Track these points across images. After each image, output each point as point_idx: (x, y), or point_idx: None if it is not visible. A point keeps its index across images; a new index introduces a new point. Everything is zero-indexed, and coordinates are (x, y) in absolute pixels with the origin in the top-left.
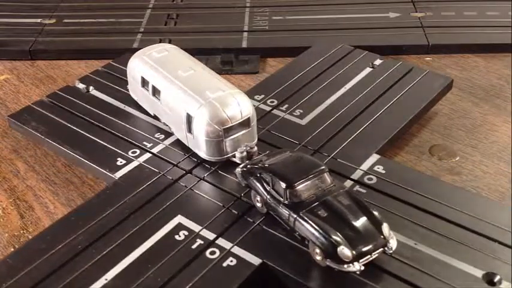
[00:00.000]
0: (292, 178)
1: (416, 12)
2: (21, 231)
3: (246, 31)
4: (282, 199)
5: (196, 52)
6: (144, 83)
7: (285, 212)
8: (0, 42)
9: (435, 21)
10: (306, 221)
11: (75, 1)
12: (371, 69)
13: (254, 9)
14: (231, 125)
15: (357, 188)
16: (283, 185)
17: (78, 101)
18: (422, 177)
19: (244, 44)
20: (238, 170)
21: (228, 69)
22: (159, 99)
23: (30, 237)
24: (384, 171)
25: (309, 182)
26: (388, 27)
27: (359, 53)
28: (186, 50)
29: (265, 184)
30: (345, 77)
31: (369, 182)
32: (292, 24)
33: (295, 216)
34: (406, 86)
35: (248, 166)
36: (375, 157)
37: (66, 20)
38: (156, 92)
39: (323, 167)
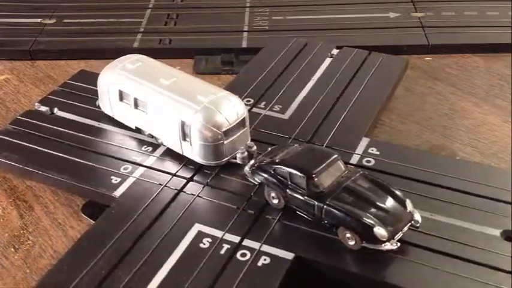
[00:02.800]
0: (310, 169)
1: (416, 12)
2: (21, 231)
3: (246, 31)
4: (303, 191)
5: (196, 52)
6: (123, 96)
7: (310, 203)
8: (0, 42)
9: (435, 21)
10: (335, 208)
11: (75, 1)
12: (330, 59)
13: (254, 9)
14: (229, 126)
15: (362, 171)
16: (304, 176)
17: (46, 125)
18: (416, 153)
19: (244, 44)
20: (247, 169)
21: (228, 69)
22: (144, 111)
23: (30, 237)
24: (378, 152)
25: (326, 171)
26: (388, 27)
27: (314, 45)
28: (186, 50)
29: (282, 179)
30: (309, 69)
31: (368, 164)
32: (292, 24)
33: (322, 205)
34: (369, 70)
35: (257, 164)
36: (365, 140)
37: (66, 20)
38: (139, 104)
39: (336, 155)
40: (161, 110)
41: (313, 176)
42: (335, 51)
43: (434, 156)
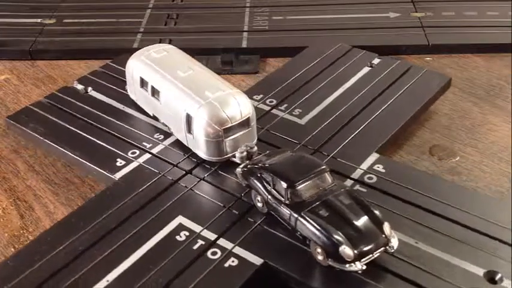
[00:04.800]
0: (294, 178)
1: (416, 12)
2: (21, 231)
3: (246, 31)
4: (283, 199)
5: (196, 52)
6: (143, 83)
7: (286, 211)
8: (0, 42)
9: (435, 21)
10: (307, 220)
11: (75, 1)
12: (369, 68)
13: (254, 9)
14: (230, 125)
15: (358, 187)
16: (284, 184)
17: (76, 102)
18: (422, 176)
19: (244, 44)
20: (238, 170)
21: (228, 69)
22: (158, 100)
23: (30, 237)
24: (383, 170)
25: (310, 181)
26: (388, 27)
27: (357, 52)
28: (186, 50)
29: (266, 184)
30: (343, 76)
31: (369, 181)
32: (292, 24)
33: (296, 216)
34: (405, 84)
35: (249, 166)
36: (374, 156)
37: (66, 20)
38: (155, 92)
39: (324, 167)
40: (171, 100)
41: (294, 184)
42: (376, 61)
43: (440, 181)
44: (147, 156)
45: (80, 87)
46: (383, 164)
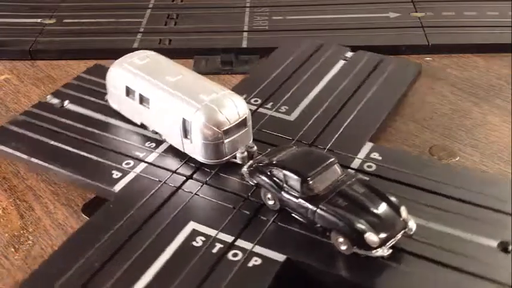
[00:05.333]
0: (306, 172)
1: (416, 12)
2: (21, 231)
3: (246, 31)
4: (297, 194)
5: (196, 52)
6: (129, 92)
7: (303, 206)
8: (0, 42)
9: (435, 21)
10: (328, 212)
11: (75, 1)
12: (344, 61)
13: (254, 9)
14: (229, 126)
15: (360, 176)
16: (299, 179)
17: (55, 117)
18: (419, 160)
19: (244, 44)
20: (244, 169)
21: (228, 69)
22: (147, 107)
23: (30, 237)
24: (380, 158)
25: (322, 174)
26: (388, 27)
27: (328, 47)
28: (186, 50)
29: (278, 181)
30: (321, 70)
31: (369, 170)
32: (292, 24)
33: (315, 209)
34: (382, 74)
35: (255, 165)
36: (369, 145)
37: (66, 20)
38: (143, 100)
39: (333, 159)
40: (164, 106)
41: (308, 179)
42: (349, 54)
43: (437, 163)
44: (143, 165)
45: (55, 101)
46: (378, 151)
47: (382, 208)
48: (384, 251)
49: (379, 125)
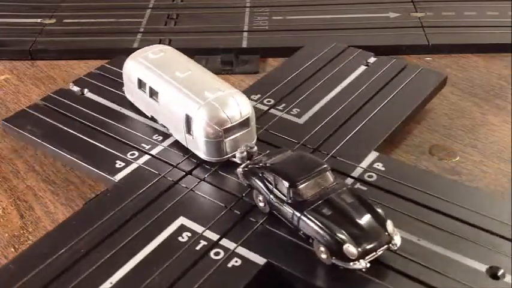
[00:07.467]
0: (295, 177)
1: (416, 12)
2: (21, 231)
3: (246, 31)
4: (285, 198)
5: (196, 52)
6: (141, 84)
7: (288, 211)
8: (0, 42)
9: (435, 21)
10: (310, 219)
11: (75, 1)
12: (365, 67)
13: (254, 9)
14: (230, 125)
15: (358, 185)
16: (287, 184)
17: (73, 104)
18: (422, 174)
19: (244, 44)
20: (239, 170)
21: (228, 69)
22: (156, 101)
23: (30, 237)
24: (383, 168)
25: (311, 180)
26: (388, 27)
27: (353, 51)
28: (186, 50)
29: (268, 183)
30: (340, 75)
31: (369, 180)
32: (292, 24)
33: (299, 215)
34: (401, 83)
35: (250, 166)
36: (374, 154)
37: (66, 20)
38: (153, 93)
39: (325, 166)
40: (170, 101)
41: (296, 183)
42: (372, 59)
43: (440, 179)
44: (146, 157)
45: (75, 89)
46: (382, 162)
47: (366, 220)
48: (362, 264)
49: (388, 136)
